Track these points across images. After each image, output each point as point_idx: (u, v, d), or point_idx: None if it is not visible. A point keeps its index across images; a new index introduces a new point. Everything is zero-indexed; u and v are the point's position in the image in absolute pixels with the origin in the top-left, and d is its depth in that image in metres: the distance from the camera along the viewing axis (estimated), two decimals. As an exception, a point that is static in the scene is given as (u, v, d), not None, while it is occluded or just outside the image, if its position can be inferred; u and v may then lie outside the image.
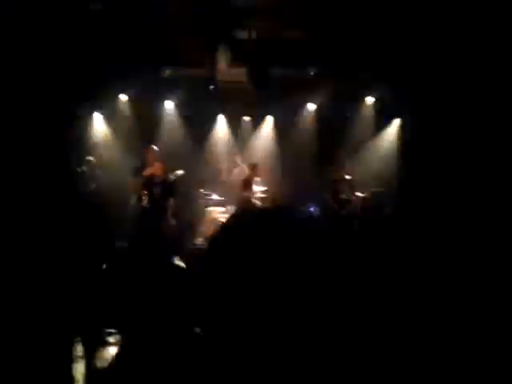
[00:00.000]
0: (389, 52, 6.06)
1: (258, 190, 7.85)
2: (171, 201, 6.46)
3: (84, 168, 7.76)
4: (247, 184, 7.23)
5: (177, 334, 2.16)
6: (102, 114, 8.59)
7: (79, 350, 3.76)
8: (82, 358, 3.82)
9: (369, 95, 8.39)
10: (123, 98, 8.35)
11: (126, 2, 5.64)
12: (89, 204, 7.17)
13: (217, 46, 6.06)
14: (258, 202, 7.23)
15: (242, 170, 8.07)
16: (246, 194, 7.12)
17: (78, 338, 3.74)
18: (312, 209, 6.83)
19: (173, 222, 6.50)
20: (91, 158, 7.87)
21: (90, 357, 3.63)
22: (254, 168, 7.38)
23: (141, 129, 8.53)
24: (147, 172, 6.53)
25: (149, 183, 6.60)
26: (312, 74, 7.99)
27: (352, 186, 7.20)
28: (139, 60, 6.89)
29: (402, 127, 8.65)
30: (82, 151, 8.03)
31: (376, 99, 8.44)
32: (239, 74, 7.42)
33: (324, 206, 6.65)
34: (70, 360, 3.43)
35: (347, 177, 7.23)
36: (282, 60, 6.49)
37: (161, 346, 2.62)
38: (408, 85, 7.55)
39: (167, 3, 5.52)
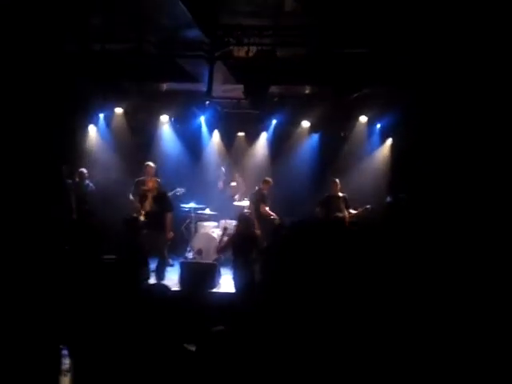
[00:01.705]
0: (384, 71, 6.18)
1: (244, 204, 7.84)
2: (168, 215, 6.44)
3: (76, 179, 7.73)
4: (263, 198, 7.30)
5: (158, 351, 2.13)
6: (96, 126, 8.60)
7: (66, 363, 3.66)
8: (68, 371, 3.71)
9: (363, 114, 8.51)
10: (118, 110, 8.36)
11: (124, 18, 5.70)
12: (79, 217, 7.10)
13: (214, 62, 6.11)
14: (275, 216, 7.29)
15: (239, 185, 8.14)
16: (264, 207, 7.24)
17: (66, 351, 3.64)
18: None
19: (170, 235, 6.49)
20: (83, 170, 7.84)
21: (77, 370, 3.53)
22: (267, 183, 7.50)
23: (136, 142, 8.55)
24: (144, 188, 6.54)
25: (143, 199, 6.59)
26: (307, 92, 8.12)
27: (346, 202, 7.24)
28: (136, 74, 6.93)
29: (394, 146, 8.78)
30: (75, 163, 8.00)
31: (370, 118, 8.57)
32: (235, 90, 7.50)
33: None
34: (56, 373, 3.33)
35: (341, 194, 7.27)
36: (278, 78, 6.57)
37: (144, 362, 2.56)
38: (401, 104, 7.71)
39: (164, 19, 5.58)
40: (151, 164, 7.02)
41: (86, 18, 5.55)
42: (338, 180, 7.39)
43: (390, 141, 8.80)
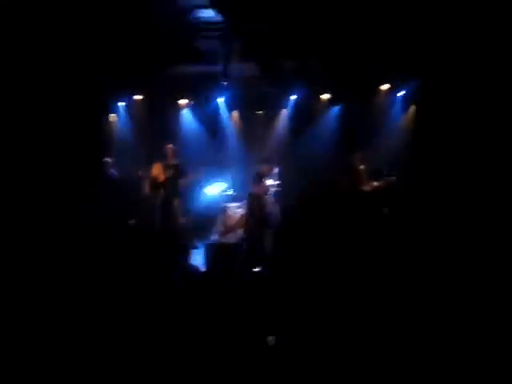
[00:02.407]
0: (402, 42, 5.99)
1: (273, 183, 7.82)
2: (176, 201, 6.49)
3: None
4: (260, 178, 7.10)
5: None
6: (117, 114, 8.66)
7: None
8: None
9: (385, 82, 8.26)
10: (138, 97, 8.40)
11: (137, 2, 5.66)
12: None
13: (230, 41, 6.04)
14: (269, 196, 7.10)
15: None
16: (256, 187, 6.92)
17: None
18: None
19: (182, 220, 6.53)
20: (108, 159, 7.94)
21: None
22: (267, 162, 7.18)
23: (156, 127, 8.60)
24: (152, 174, 6.61)
25: (154, 184, 6.69)
26: (325, 64, 7.93)
27: (368, 174, 7.14)
28: (152, 58, 6.92)
29: (417, 114, 8.53)
30: (98, 152, 8.11)
31: (392, 85, 8.31)
32: (252, 68, 7.41)
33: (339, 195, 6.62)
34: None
35: (362, 166, 7.17)
36: (294, 53, 6.45)
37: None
38: (423, 72, 7.45)
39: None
40: (169, 145, 7.08)
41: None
42: (360, 152, 7.27)
43: (413, 109, 8.56)
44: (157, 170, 6.56)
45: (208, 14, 5.56)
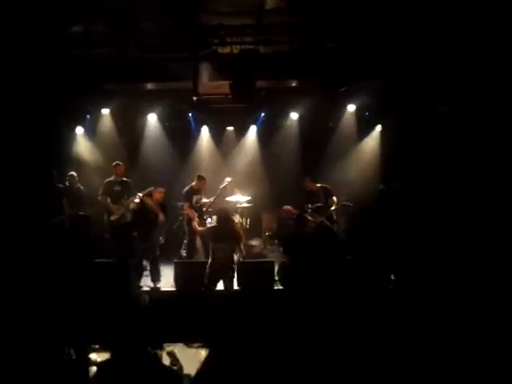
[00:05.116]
0: (370, 64, 6.18)
1: (243, 199, 7.88)
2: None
3: (67, 183, 7.70)
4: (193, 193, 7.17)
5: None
6: (84, 128, 8.52)
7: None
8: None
9: (351, 103, 8.46)
10: (105, 111, 8.30)
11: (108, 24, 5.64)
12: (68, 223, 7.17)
13: (199, 60, 6.08)
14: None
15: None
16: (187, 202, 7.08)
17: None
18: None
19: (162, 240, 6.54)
20: (73, 173, 7.80)
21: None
22: (200, 179, 7.22)
23: (124, 142, 8.51)
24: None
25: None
26: (294, 85, 8.09)
27: (327, 192, 7.30)
28: (121, 73, 6.87)
29: (383, 133, 8.78)
30: (64, 166, 7.96)
31: (358, 107, 8.52)
32: (222, 86, 7.46)
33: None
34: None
35: (318, 185, 7.31)
36: (264, 72, 6.55)
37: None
38: (388, 93, 7.70)
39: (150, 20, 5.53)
40: (120, 163, 7.09)
41: (69, 24, 5.50)
42: (308, 178, 7.45)
43: (378, 128, 8.81)
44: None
45: (176, 35, 5.59)
